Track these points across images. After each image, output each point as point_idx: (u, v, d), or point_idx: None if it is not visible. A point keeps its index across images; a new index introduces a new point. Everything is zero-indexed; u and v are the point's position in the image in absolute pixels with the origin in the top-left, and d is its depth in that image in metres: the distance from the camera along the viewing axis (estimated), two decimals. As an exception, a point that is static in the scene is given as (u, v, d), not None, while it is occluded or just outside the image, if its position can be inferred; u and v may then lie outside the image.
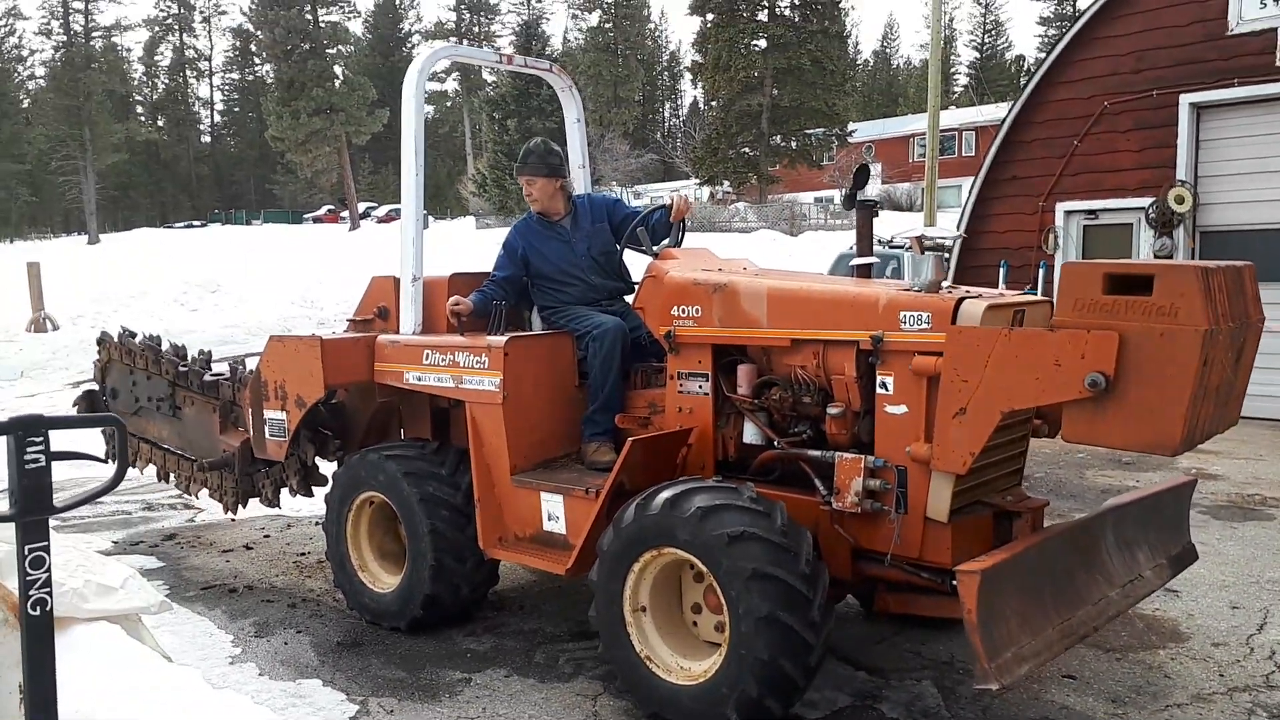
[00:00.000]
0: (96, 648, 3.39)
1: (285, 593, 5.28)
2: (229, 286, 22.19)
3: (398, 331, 4.87)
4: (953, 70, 79.72)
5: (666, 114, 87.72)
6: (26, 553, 2.22)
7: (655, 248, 4.58)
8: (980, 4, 75.98)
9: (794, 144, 42.44)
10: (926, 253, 3.66)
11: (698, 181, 46.28)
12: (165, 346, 6.29)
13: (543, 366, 4.49)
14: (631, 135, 58.87)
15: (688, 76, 60.40)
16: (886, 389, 3.58)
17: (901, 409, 3.55)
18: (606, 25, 74.54)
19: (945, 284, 3.64)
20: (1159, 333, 2.90)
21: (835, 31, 41.26)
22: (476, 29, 71.40)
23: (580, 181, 5.62)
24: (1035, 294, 6.64)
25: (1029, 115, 11.43)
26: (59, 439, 2.46)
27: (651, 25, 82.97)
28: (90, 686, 3.13)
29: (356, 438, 5.33)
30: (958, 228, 12.02)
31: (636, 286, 4.36)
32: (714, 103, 43.64)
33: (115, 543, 6.41)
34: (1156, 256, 10.31)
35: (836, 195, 44.79)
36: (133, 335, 6.59)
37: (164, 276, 22.51)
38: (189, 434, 6.11)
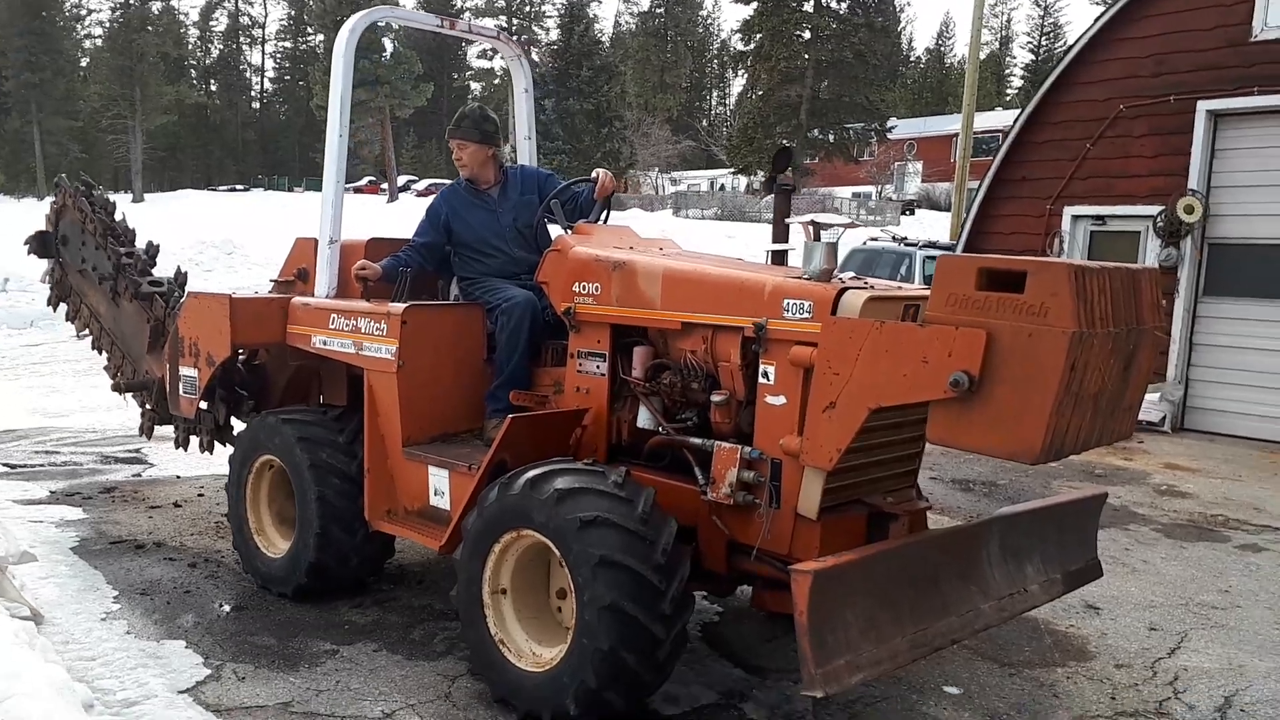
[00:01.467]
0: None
1: (191, 552, 5.21)
2: (248, 249, 22.32)
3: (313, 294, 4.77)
4: (1007, 72, 78.38)
5: (713, 102, 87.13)
6: None
7: (577, 222, 4.43)
8: (1040, 5, 74.41)
9: (831, 137, 41.93)
10: (820, 240, 3.47)
11: (732, 170, 45.92)
12: (119, 217, 6.14)
13: (446, 338, 4.35)
14: (674, 121, 58.54)
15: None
16: (768, 379, 3.41)
17: (781, 400, 3.38)
18: (658, 10, 74.33)
19: (839, 274, 3.47)
20: (1026, 333, 2.70)
21: (881, 25, 40.65)
22: (528, 7, 71.32)
23: (525, 153, 5.49)
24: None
25: (1043, 115, 11.08)
26: None
27: (704, 12, 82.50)
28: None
29: (274, 400, 5.24)
30: (962, 227, 11.71)
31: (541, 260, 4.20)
32: (754, 92, 43.20)
33: (52, 492, 6.38)
34: (1162, 267, 9.95)
35: (874, 191, 44.28)
36: (91, 189, 6.37)
37: (185, 236, 22.67)
38: (124, 327, 6.02)
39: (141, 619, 4.25)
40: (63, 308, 6.64)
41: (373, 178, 63.69)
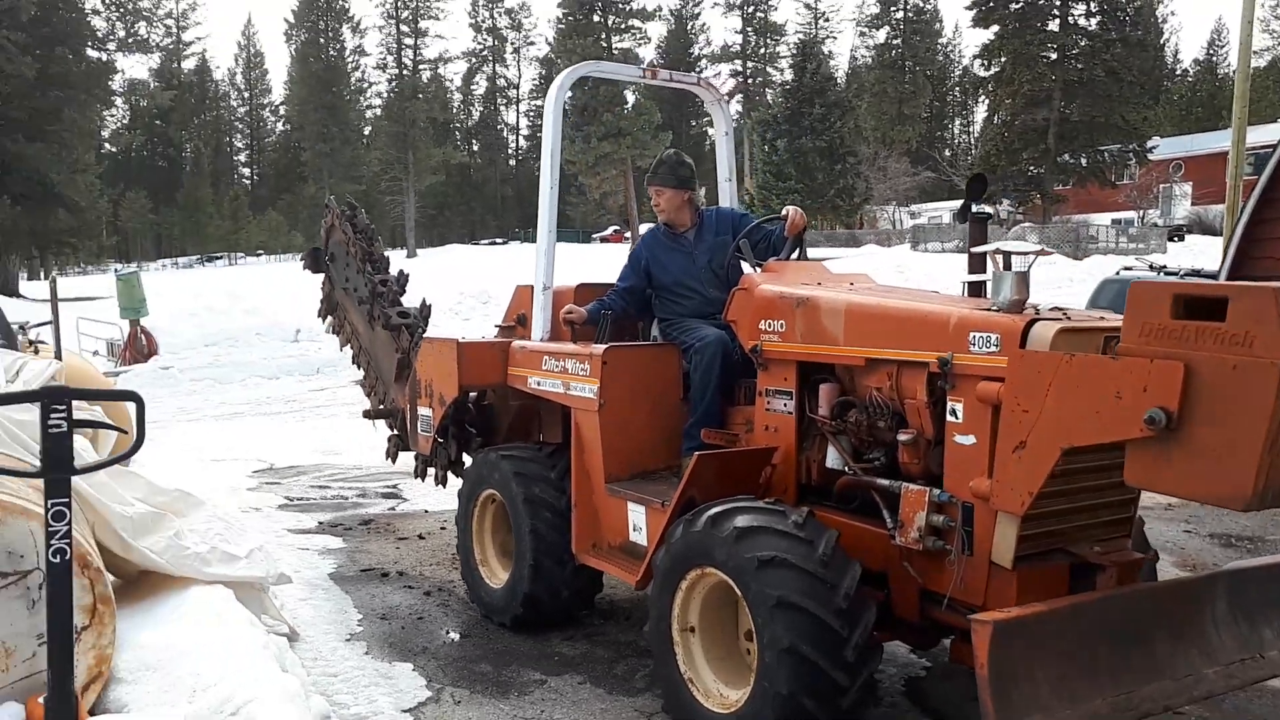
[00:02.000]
0: (201, 606, 3.83)
1: (428, 582, 5.66)
2: (501, 299, 23.82)
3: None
4: (1296, 78, 70.28)
5: (956, 130, 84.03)
6: (50, 507, 2.57)
7: (768, 260, 4.49)
8: (1335, 0, 66.39)
9: (1084, 161, 39.24)
10: (1011, 269, 3.33)
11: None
12: (377, 244, 6.49)
13: (644, 377, 4.51)
14: (913, 153, 57.02)
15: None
16: (956, 416, 3.30)
17: (970, 439, 3.25)
18: (894, 41, 73.02)
19: (1031, 304, 3.31)
20: (1230, 365, 2.48)
21: (1137, 39, 37.75)
22: (762, 49, 72.25)
23: (726, 196, 5.61)
24: None
25: (1321, 122, 9.89)
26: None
27: (943, 40, 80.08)
28: (176, 636, 3.55)
29: (500, 437, 5.61)
30: (1224, 254, 10.63)
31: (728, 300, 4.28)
32: (996, 118, 41.34)
33: (321, 523, 7.12)
34: None
35: (1136, 217, 40.93)
36: (355, 212, 6.75)
37: (448, 288, 24.60)
38: (377, 350, 6.51)
39: (379, 641, 4.67)
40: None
41: (617, 227, 66.45)
